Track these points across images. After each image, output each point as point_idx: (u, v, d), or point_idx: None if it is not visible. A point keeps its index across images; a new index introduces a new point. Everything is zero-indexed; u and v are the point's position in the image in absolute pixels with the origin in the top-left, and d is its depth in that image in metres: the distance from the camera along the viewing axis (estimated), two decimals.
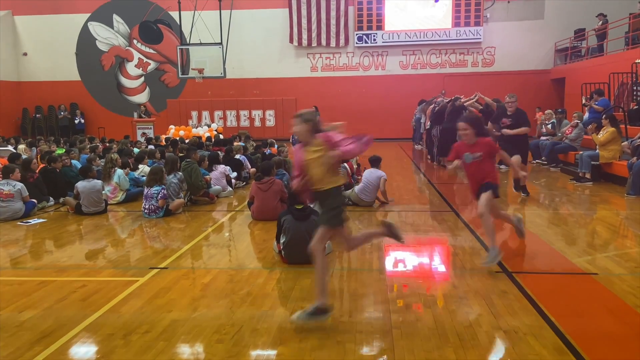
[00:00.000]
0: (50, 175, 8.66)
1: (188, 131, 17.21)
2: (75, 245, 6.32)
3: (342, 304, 4.13)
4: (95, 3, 21.85)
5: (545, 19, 20.15)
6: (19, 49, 22.39)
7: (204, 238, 6.41)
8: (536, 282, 4.63)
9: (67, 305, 4.21)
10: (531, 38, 20.24)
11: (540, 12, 20.20)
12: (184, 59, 17.77)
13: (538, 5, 20.17)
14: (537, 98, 19.78)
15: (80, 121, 21.77)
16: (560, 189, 9.50)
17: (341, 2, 20.81)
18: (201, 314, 4.00)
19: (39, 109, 22.42)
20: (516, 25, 20.32)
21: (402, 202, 8.44)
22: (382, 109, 20.81)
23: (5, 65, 21.81)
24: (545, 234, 6.29)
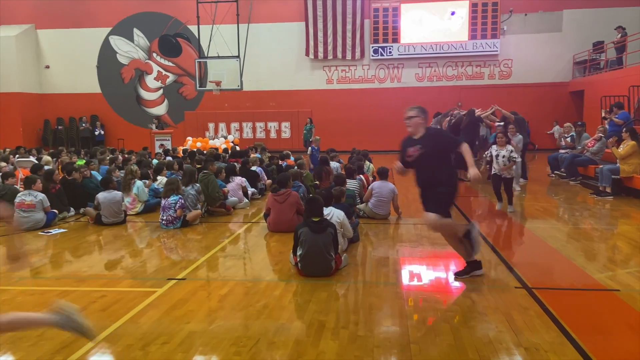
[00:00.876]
0: (71, 186, 8.81)
1: (205, 143, 17.38)
2: (95, 255, 6.40)
3: (359, 318, 4.11)
4: (116, 17, 22.32)
5: (563, 31, 20.02)
6: (41, 62, 22.92)
7: (220, 249, 6.44)
8: (557, 298, 4.55)
9: (87, 315, 4.24)
10: (549, 50, 20.11)
11: (558, 25, 20.09)
12: (201, 72, 18.01)
13: (556, 17, 20.07)
14: (555, 111, 19.63)
15: (100, 132, 22.14)
16: (580, 203, 9.36)
17: (357, 16, 20.96)
18: (218, 326, 4.01)
19: (60, 121, 22.86)
20: (534, 38, 20.23)
21: (418, 215, 8.37)
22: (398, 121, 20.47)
23: (28, 77, 22.33)
24: (565, 249, 6.19)
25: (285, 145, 19.60)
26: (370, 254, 6.19)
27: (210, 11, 17.76)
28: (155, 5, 21.99)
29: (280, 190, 7.34)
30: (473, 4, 20.18)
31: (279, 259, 5.95)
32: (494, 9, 20.10)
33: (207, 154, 12.48)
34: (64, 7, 22.30)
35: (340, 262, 5.38)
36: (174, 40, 22.00)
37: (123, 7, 22.12)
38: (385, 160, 12.92)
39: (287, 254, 5.91)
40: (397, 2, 20.64)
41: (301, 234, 5.20)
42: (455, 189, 4.96)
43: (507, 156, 8.12)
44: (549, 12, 20.07)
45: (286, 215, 7.17)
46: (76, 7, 22.27)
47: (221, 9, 18.03)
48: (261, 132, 21.75)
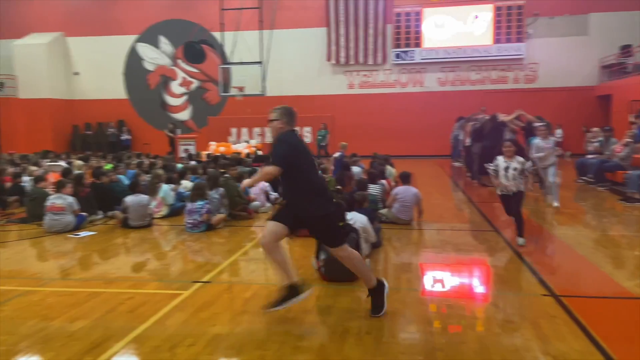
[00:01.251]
0: (99, 190, 9.01)
1: (228, 147, 17.57)
2: (122, 257, 6.53)
3: (383, 324, 4.11)
4: (142, 25, 22.78)
5: (589, 35, 19.67)
6: (70, 68, 23.50)
7: (243, 253, 6.51)
8: (585, 306, 4.47)
9: (116, 316, 4.35)
10: (575, 54, 19.76)
11: (584, 28, 19.74)
12: (225, 78, 18.25)
13: (582, 21, 19.73)
14: (582, 115, 19.25)
15: (126, 137, 22.56)
16: (608, 210, 9.17)
17: (379, 21, 20.95)
18: (243, 329, 4.06)
19: (88, 126, 23.39)
20: (560, 41, 19.90)
21: (441, 221, 8.33)
22: (420, 125, 20.68)
23: (59, 83, 22.92)
24: (594, 256, 6.07)
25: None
26: (392, 259, 6.18)
27: (234, 18, 18.01)
28: (181, 12, 22.37)
29: None
30: (497, 8, 19.99)
31: (302, 263, 5.98)
32: (519, 12, 19.87)
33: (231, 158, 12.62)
34: (93, 16, 22.86)
35: None
36: (199, 46, 22.29)
37: (149, 15, 22.57)
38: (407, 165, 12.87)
39: (309, 258, 5.93)
40: (419, 7, 20.57)
41: None
42: (314, 213, 4.05)
43: (520, 169, 6.58)
44: (575, 16, 19.74)
45: None
46: (104, 15, 22.80)
47: (244, 16, 18.28)
48: None
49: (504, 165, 6.69)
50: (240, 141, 19.93)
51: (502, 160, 6.71)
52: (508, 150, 6.74)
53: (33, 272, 5.89)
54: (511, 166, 6.62)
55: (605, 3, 19.36)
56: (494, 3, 19.97)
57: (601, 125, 15.41)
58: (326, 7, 21.17)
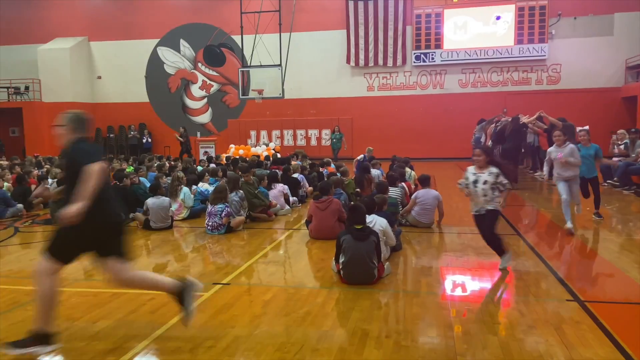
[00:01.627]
0: (121, 192, 9.13)
1: (247, 150, 17.68)
2: (144, 259, 6.61)
3: (403, 328, 4.07)
4: (163, 29, 23.10)
5: (614, 35, 19.26)
6: (94, 72, 23.96)
7: (263, 256, 6.52)
8: (611, 311, 4.37)
9: (138, 317, 4.40)
10: (600, 55, 19.38)
11: (609, 28, 19.35)
12: (244, 81, 18.38)
13: (607, 21, 19.35)
14: (607, 117, 18.85)
15: (147, 140, 22.89)
16: (634, 213, 8.95)
17: (399, 22, 20.86)
18: (263, 331, 4.06)
19: (110, 129, 23.79)
20: (584, 42, 19.54)
21: (462, 224, 8.23)
22: (440, 127, 20.51)
23: (82, 87, 23.38)
24: (620, 260, 5.93)
25: (325, 153, 19.69)
26: (412, 262, 6.13)
27: (254, 21, 18.12)
28: (201, 16, 22.62)
29: (322, 198, 7.37)
30: (519, 8, 19.72)
31: (320, 266, 5.97)
32: (542, 12, 19.57)
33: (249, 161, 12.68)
34: (115, 20, 23.28)
35: (383, 270, 5.34)
36: (218, 50, 22.57)
37: (170, 19, 22.88)
38: (427, 168, 12.77)
39: (328, 261, 5.92)
40: (440, 8, 20.43)
41: (344, 242, 5.20)
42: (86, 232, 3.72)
43: (492, 182, 5.39)
44: (599, 16, 19.36)
45: (328, 222, 7.19)
46: (126, 20, 23.20)
47: (264, 19, 18.38)
48: (302, 140, 21.93)
49: (473, 178, 5.52)
50: (260, 144, 20.05)
51: (472, 171, 5.58)
52: (478, 158, 5.52)
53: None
54: (481, 179, 5.42)
55: (630, 3, 18.94)
56: (516, 3, 19.71)
57: (627, 127, 15.07)
58: (345, 9, 21.17)
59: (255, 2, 18.53)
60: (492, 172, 5.44)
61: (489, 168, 5.48)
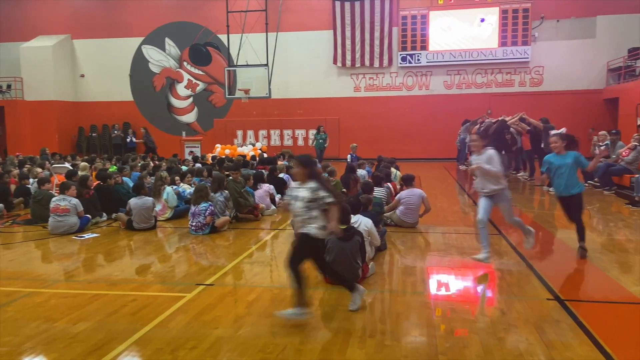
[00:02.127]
0: (104, 192, 9.04)
1: (233, 150, 17.60)
2: (126, 260, 6.54)
3: (386, 327, 4.08)
4: (148, 27, 22.89)
5: (596, 37, 19.56)
6: (77, 71, 23.65)
7: (248, 256, 6.50)
8: (590, 311, 4.43)
9: (118, 318, 4.35)
10: (582, 57, 19.66)
11: (591, 31, 19.64)
12: (231, 80, 18.30)
13: (589, 23, 19.64)
14: (589, 119, 19.13)
15: (132, 140, 22.65)
16: (614, 214, 9.09)
17: (385, 23, 20.95)
18: (246, 332, 4.04)
19: (93, 128, 23.51)
20: (566, 44, 19.82)
21: (446, 224, 8.30)
22: (426, 128, 20.64)
23: (65, 86, 23.07)
24: (600, 260, 6.02)
25: (312, 153, 19.68)
26: (397, 262, 6.15)
27: (240, 20, 18.06)
28: (187, 15, 22.46)
29: None
30: (503, 11, 19.93)
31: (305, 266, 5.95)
32: (525, 15, 19.79)
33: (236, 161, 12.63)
34: (99, 18, 23.01)
35: (367, 270, 5.36)
36: (204, 49, 22.43)
37: (155, 17, 22.68)
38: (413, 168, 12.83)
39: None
40: (425, 10, 20.55)
41: (328, 242, 5.19)
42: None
43: (310, 198, 4.24)
44: (581, 18, 19.65)
45: None
46: (110, 18, 22.94)
47: (250, 18, 18.33)
48: (289, 140, 21.90)
49: (294, 193, 4.42)
50: (247, 144, 19.97)
51: (296, 184, 4.50)
52: (298, 172, 4.40)
53: (37, 273, 5.90)
54: (300, 194, 4.32)
55: (612, 6, 19.25)
56: (500, 6, 19.91)
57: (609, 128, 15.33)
58: (332, 9, 21.19)
59: (241, 1, 18.48)
60: (311, 187, 4.27)
61: (309, 181, 4.31)
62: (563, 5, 19.62)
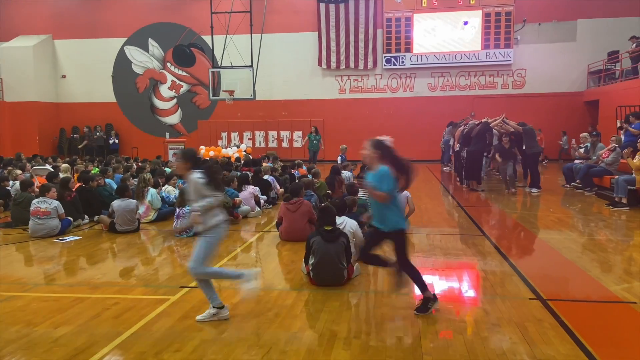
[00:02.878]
0: (86, 194, 8.92)
1: (218, 152, 17.50)
2: (109, 262, 6.45)
3: (372, 328, 4.09)
4: (131, 28, 22.66)
5: (577, 41, 19.90)
6: (58, 71, 23.31)
7: (232, 258, 6.46)
8: (572, 310, 4.49)
9: (101, 322, 4.29)
10: (563, 60, 19.99)
11: (572, 35, 19.97)
12: (215, 82, 18.20)
13: (570, 27, 19.96)
14: (570, 120, 19.45)
15: (114, 141, 22.40)
16: (595, 214, 9.24)
17: (369, 25, 21.04)
18: (230, 334, 4.02)
19: (75, 130, 23.18)
20: (547, 47, 20.12)
21: (430, 225, 8.35)
22: (410, 130, 20.75)
23: (45, 87, 22.72)
24: (581, 260, 6.11)
25: (297, 155, 19.66)
26: None
27: (224, 21, 17.98)
28: (170, 15, 22.30)
29: (292, 199, 7.35)
30: (486, 14, 20.16)
31: (290, 267, 5.96)
32: (507, 18, 20.05)
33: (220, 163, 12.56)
34: (81, 18, 22.72)
35: (353, 271, 5.37)
36: (188, 50, 22.28)
37: (138, 18, 22.47)
38: None
39: (299, 263, 5.91)
40: (409, 12, 20.69)
41: (313, 243, 5.20)
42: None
43: None
44: (562, 22, 19.97)
45: (298, 224, 7.17)
46: (93, 18, 22.67)
47: (235, 20, 18.25)
48: (273, 141, 21.86)
49: None
50: (231, 145, 19.88)
51: None
52: None
53: (17, 277, 5.80)
54: None
55: (592, 9, 19.61)
56: (483, 9, 20.14)
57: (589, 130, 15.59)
58: (317, 11, 21.22)
59: (225, 2, 18.40)
60: None
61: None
62: (544, 8, 19.92)
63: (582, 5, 19.66)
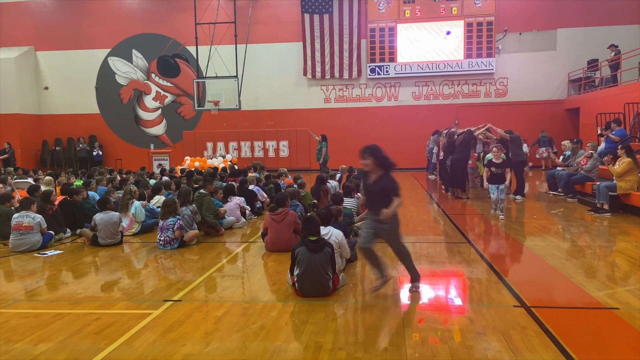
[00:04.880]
0: (68, 207, 8.79)
1: (203, 162, 17.42)
2: (91, 277, 6.35)
3: (357, 338, 4.07)
4: (115, 39, 22.55)
5: (557, 50, 20.27)
6: (40, 83, 23.07)
7: (217, 270, 6.40)
8: (555, 316, 4.52)
9: (82, 338, 4.21)
10: (544, 69, 20.33)
11: (552, 44, 20.34)
12: (200, 92, 18.15)
13: (550, 36, 20.33)
14: (552, 128, 19.73)
15: (98, 153, 22.19)
16: (578, 220, 9.36)
17: (354, 36, 21.20)
18: (214, 348, 3.97)
19: (58, 142, 22.92)
20: (528, 56, 20.46)
21: (416, 233, 8.37)
22: (395, 139, 20.84)
23: (28, 98, 22.46)
24: (564, 266, 6.17)
25: (283, 164, 19.64)
26: (368, 273, 6.15)
27: (209, 32, 17.99)
28: (154, 26, 22.24)
29: (278, 210, 7.33)
30: (468, 24, 20.46)
31: (276, 278, 5.92)
32: (489, 28, 20.37)
33: (205, 173, 12.49)
34: (64, 29, 22.56)
35: (338, 281, 5.35)
36: (173, 60, 22.09)
37: (122, 29, 22.38)
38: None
39: (284, 274, 5.87)
40: (393, 22, 20.91)
41: (298, 254, 5.18)
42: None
43: None
44: (543, 31, 20.34)
45: (284, 234, 7.14)
46: (75, 29, 22.52)
47: (219, 30, 18.27)
48: (259, 151, 21.82)
49: None
50: (217, 156, 19.79)
51: None
52: None
53: None
54: None
55: (572, 19, 20.02)
56: (465, 19, 20.44)
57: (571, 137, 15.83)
58: (301, 22, 21.34)
59: (210, 13, 18.41)
60: None
61: None
62: (525, 18, 20.28)
63: (561, 14, 20.06)
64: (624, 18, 19.50)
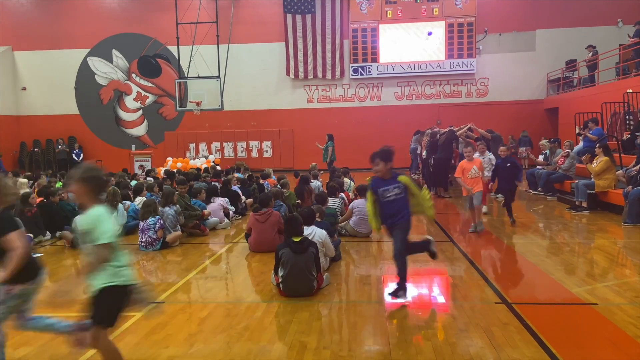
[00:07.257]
0: (47, 209, 8.64)
1: (185, 163, 17.28)
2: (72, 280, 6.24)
3: (342, 337, 4.09)
4: (94, 38, 22.23)
5: (536, 50, 20.59)
6: (18, 83, 22.63)
7: (201, 271, 6.36)
8: (536, 313, 4.59)
9: (62, 342, 4.14)
10: (523, 69, 20.62)
11: (531, 44, 20.65)
12: (182, 92, 18.00)
13: (529, 37, 20.64)
14: (531, 127, 20.02)
15: (78, 153, 21.84)
16: (557, 218, 9.52)
17: (336, 36, 21.25)
18: (198, 350, 3.95)
19: (37, 143, 22.51)
20: (508, 57, 20.73)
21: None
22: (378, 139, 20.78)
23: (5, 99, 21.99)
24: (544, 263, 6.27)
25: (267, 164, 19.57)
26: (352, 272, 6.18)
27: (190, 32, 17.84)
28: (135, 26, 21.98)
29: (261, 210, 7.31)
30: (449, 25, 20.65)
31: (260, 279, 5.90)
32: (470, 29, 20.60)
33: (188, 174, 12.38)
34: (42, 29, 22.16)
35: (322, 281, 5.36)
36: (154, 60, 21.97)
37: (101, 29, 22.06)
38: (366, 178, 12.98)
39: (268, 274, 5.86)
40: (375, 23, 21.01)
41: (282, 255, 5.17)
42: None
43: None
44: (522, 32, 20.63)
45: (267, 235, 7.13)
46: (54, 29, 22.14)
47: (201, 30, 18.14)
48: (242, 152, 21.73)
49: None
50: (199, 156, 19.66)
51: None
52: None
53: None
54: None
55: (550, 20, 20.34)
56: (446, 20, 20.63)
57: (550, 136, 16.09)
58: (284, 22, 21.30)
59: (191, 12, 18.27)
60: None
61: None
62: (505, 19, 20.55)
63: (540, 15, 20.37)
64: (602, 19, 19.88)
